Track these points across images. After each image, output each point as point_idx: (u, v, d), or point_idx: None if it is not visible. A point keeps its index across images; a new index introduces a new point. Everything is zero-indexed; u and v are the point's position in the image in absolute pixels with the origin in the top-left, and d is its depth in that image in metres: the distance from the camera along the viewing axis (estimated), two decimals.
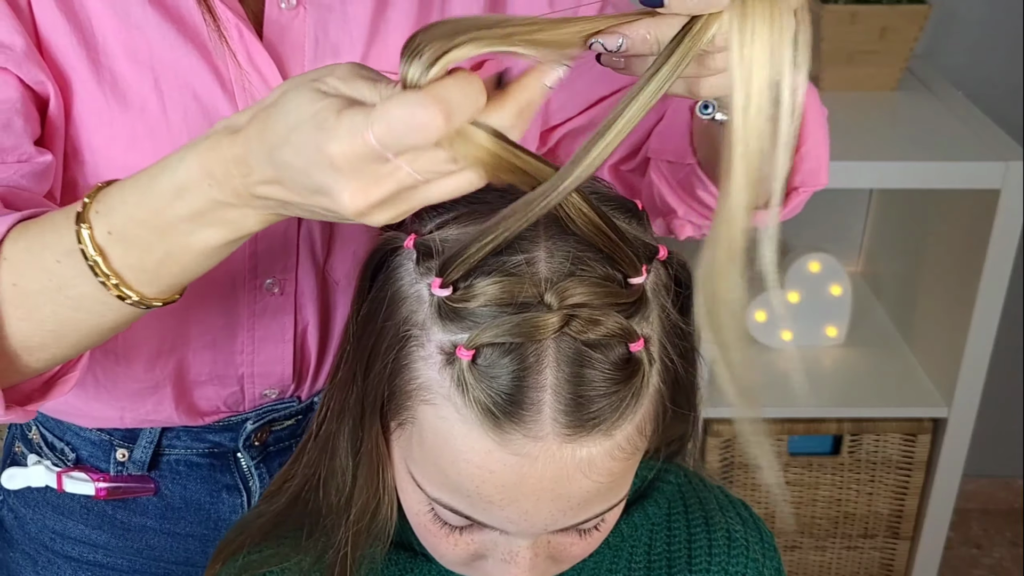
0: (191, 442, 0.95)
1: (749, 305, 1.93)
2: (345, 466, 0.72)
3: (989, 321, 1.71)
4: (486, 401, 0.60)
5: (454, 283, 0.62)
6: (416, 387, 0.64)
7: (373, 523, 0.73)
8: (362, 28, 0.83)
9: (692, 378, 0.71)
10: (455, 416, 0.62)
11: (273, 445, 0.98)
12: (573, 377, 0.61)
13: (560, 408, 0.61)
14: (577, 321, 0.61)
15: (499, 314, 0.61)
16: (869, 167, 1.64)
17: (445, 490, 0.65)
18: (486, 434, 0.61)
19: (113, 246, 0.64)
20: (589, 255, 0.63)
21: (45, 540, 0.99)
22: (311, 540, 0.76)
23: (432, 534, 0.69)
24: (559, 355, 0.61)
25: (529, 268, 0.62)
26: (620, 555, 0.80)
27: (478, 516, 0.65)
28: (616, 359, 0.62)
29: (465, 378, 0.61)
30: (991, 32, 2.00)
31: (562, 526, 0.65)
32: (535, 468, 0.61)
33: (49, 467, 0.96)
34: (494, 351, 0.61)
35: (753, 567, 0.82)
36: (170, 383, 0.90)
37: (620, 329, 0.62)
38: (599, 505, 0.66)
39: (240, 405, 0.94)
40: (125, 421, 0.93)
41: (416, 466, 0.67)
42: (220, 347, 0.90)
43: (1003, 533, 2.37)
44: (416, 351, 0.64)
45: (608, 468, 0.63)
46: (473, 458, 0.62)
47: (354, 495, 0.72)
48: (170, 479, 0.97)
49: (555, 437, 0.61)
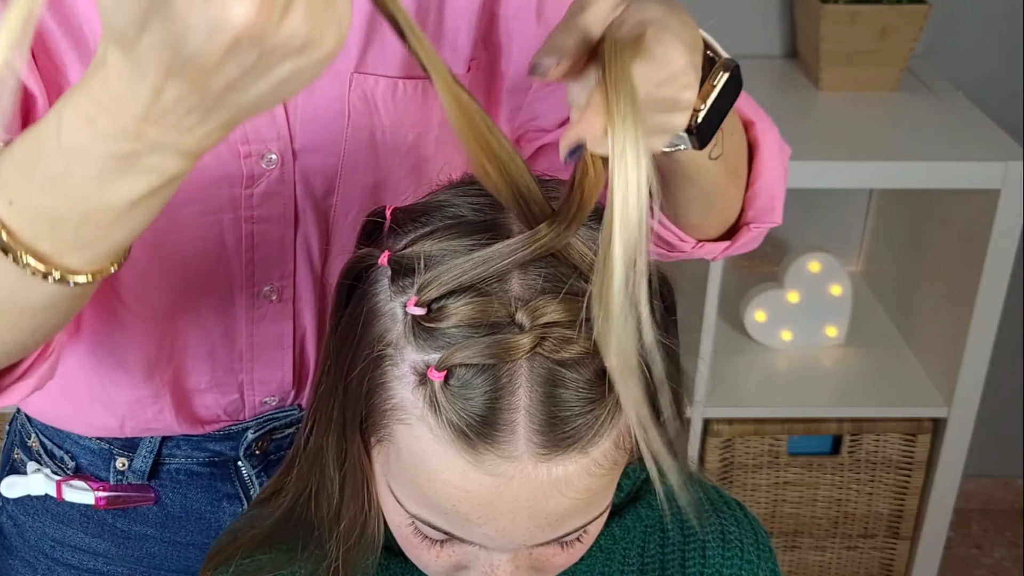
0: (191, 451, 0.95)
1: (749, 305, 1.93)
2: (333, 479, 0.71)
3: (989, 321, 1.71)
4: (459, 423, 0.60)
5: (429, 303, 0.61)
6: (391, 407, 0.63)
7: (363, 536, 0.72)
8: (357, 31, 0.82)
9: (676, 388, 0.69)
10: (429, 436, 0.61)
11: (274, 454, 0.98)
12: (546, 398, 0.60)
13: (534, 428, 0.60)
14: (549, 341, 0.60)
15: (471, 335, 0.60)
16: (869, 167, 1.64)
17: (423, 507, 0.65)
18: (460, 454, 0.60)
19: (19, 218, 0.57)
20: (563, 270, 0.62)
21: (45, 548, 0.99)
22: (306, 552, 0.76)
23: (414, 546, 0.69)
24: (532, 375, 0.60)
25: (501, 287, 0.61)
26: (613, 558, 0.80)
27: (457, 532, 0.65)
28: (590, 377, 0.61)
29: (438, 399, 0.60)
30: (991, 32, 2.00)
31: (541, 541, 0.65)
32: (510, 487, 0.61)
33: (49, 475, 0.95)
34: (466, 372, 0.60)
35: (748, 568, 0.82)
36: (169, 391, 0.90)
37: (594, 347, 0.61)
38: (578, 520, 0.65)
39: (240, 413, 0.94)
40: (125, 430, 0.92)
41: (395, 482, 0.66)
42: (219, 354, 0.90)
43: (1003, 533, 2.37)
44: (391, 370, 0.63)
45: (585, 485, 0.63)
46: (449, 477, 0.61)
47: (342, 509, 0.71)
48: (170, 488, 0.96)
49: (530, 457, 0.60)
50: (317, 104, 0.82)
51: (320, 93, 0.82)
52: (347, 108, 0.82)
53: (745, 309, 1.93)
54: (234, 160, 0.81)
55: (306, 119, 0.82)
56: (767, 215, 0.87)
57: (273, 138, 0.81)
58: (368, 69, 0.83)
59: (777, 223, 0.87)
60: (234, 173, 0.81)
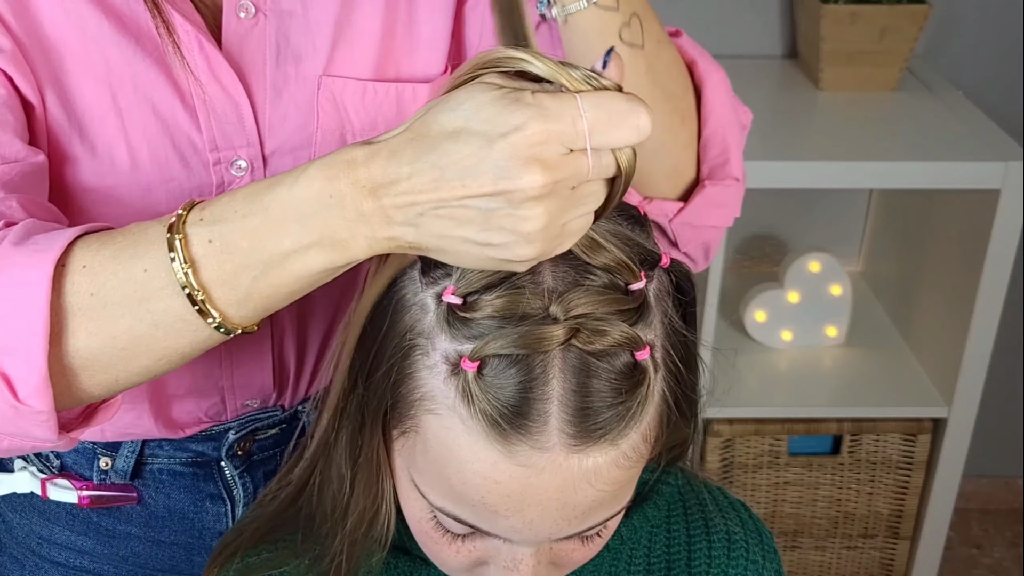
0: (173, 451, 0.95)
1: (749, 305, 1.93)
2: (343, 474, 0.71)
3: (989, 321, 1.71)
4: (492, 412, 0.60)
5: (465, 294, 0.62)
6: (420, 396, 0.64)
7: (370, 532, 0.72)
8: (325, 34, 0.81)
9: (694, 384, 0.70)
10: (460, 427, 0.62)
11: (257, 454, 0.97)
12: (579, 388, 0.61)
13: (566, 419, 0.61)
14: (583, 332, 0.61)
15: (504, 326, 0.61)
16: (869, 167, 1.64)
17: (449, 499, 0.65)
18: (492, 445, 0.61)
19: (210, 258, 0.61)
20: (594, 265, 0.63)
21: (32, 545, 0.98)
22: (306, 545, 0.76)
23: (434, 541, 0.69)
24: (565, 366, 0.61)
25: (534, 280, 0.62)
26: (619, 558, 0.80)
27: (482, 525, 0.65)
28: (622, 368, 0.62)
29: (471, 389, 0.60)
30: (991, 32, 2.00)
31: (566, 535, 0.65)
32: (541, 478, 0.61)
33: (34, 473, 0.95)
34: (500, 362, 0.60)
35: (753, 569, 0.82)
36: (147, 397, 0.89)
37: (626, 338, 0.61)
38: (603, 513, 0.66)
39: (222, 415, 0.94)
40: (106, 434, 0.92)
41: (419, 475, 0.66)
42: (197, 360, 0.89)
43: (1003, 533, 2.37)
44: (421, 360, 0.63)
45: (614, 477, 0.63)
46: (479, 468, 0.62)
47: (351, 503, 0.71)
48: (153, 488, 0.96)
49: (561, 448, 0.61)
50: (286, 108, 0.81)
51: (288, 96, 0.81)
52: (316, 111, 0.82)
53: (745, 309, 1.93)
54: (203, 168, 0.80)
55: (275, 123, 0.81)
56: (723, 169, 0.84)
57: (243, 144, 0.81)
58: (337, 72, 0.82)
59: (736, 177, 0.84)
60: (204, 182, 0.81)
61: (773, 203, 2.05)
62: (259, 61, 0.80)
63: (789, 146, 1.71)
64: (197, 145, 0.79)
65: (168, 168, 0.79)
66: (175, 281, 0.61)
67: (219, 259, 0.60)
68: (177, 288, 0.61)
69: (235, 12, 0.78)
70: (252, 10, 0.78)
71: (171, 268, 0.61)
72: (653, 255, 0.67)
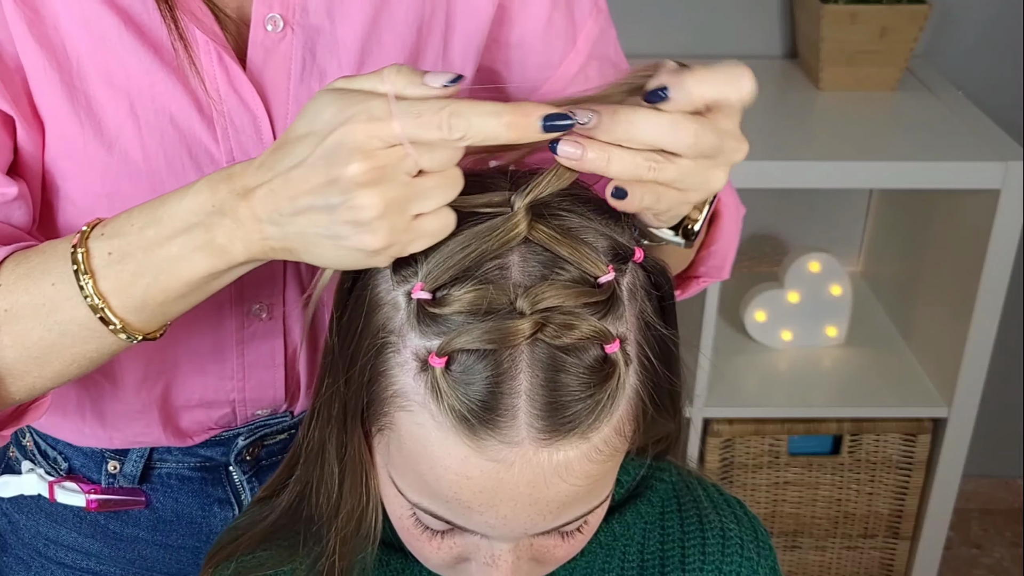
0: (182, 456, 0.95)
1: (749, 305, 1.93)
2: (332, 473, 0.72)
3: (989, 321, 1.71)
4: (460, 408, 0.60)
5: (434, 289, 0.62)
6: (392, 393, 0.64)
7: (360, 529, 0.72)
8: (352, 52, 0.81)
9: (674, 378, 0.70)
10: (431, 423, 0.62)
11: (265, 459, 0.98)
12: (548, 383, 0.61)
13: (535, 413, 0.61)
14: (550, 327, 0.61)
15: (471, 321, 0.61)
16: (869, 167, 1.64)
17: (425, 496, 0.65)
18: (461, 440, 0.61)
19: (107, 268, 0.66)
20: (562, 259, 0.63)
21: (39, 546, 0.98)
22: (306, 548, 0.76)
23: (415, 538, 0.69)
24: (533, 361, 0.61)
25: (502, 274, 0.62)
26: (613, 554, 0.80)
27: (458, 521, 0.65)
28: (591, 362, 0.62)
29: (439, 385, 0.61)
30: (991, 32, 2.00)
31: (542, 530, 0.65)
32: (511, 473, 0.61)
33: (42, 476, 0.95)
34: (468, 357, 0.61)
35: (748, 565, 0.82)
36: (157, 407, 0.90)
37: (594, 332, 0.61)
38: (579, 508, 0.66)
39: (232, 423, 0.94)
40: (114, 442, 0.92)
41: (396, 472, 0.67)
42: (209, 373, 0.90)
43: (1003, 533, 2.37)
44: (392, 357, 0.64)
45: (586, 471, 0.63)
46: (450, 464, 0.62)
47: (341, 501, 0.72)
48: (162, 492, 0.96)
49: (531, 442, 0.61)
50: None
51: None
52: None
53: (745, 309, 1.93)
54: None
55: None
56: (717, 273, 0.90)
57: None
58: None
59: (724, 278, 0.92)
60: None
61: (773, 203, 2.05)
62: (283, 75, 0.80)
63: (789, 146, 1.71)
64: (214, 156, 0.80)
65: (185, 177, 0.79)
66: (78, 292, 0.67)
67: (116, 269, 0.66)
68: (80, 299, 0.67)
69: (262, 25, 0.78)
70: (280, 24, 0.79)
71: (74, 280, 0.67)
72: (626, 249, 0.67)
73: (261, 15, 0.78)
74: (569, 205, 0.66)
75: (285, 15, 0.78)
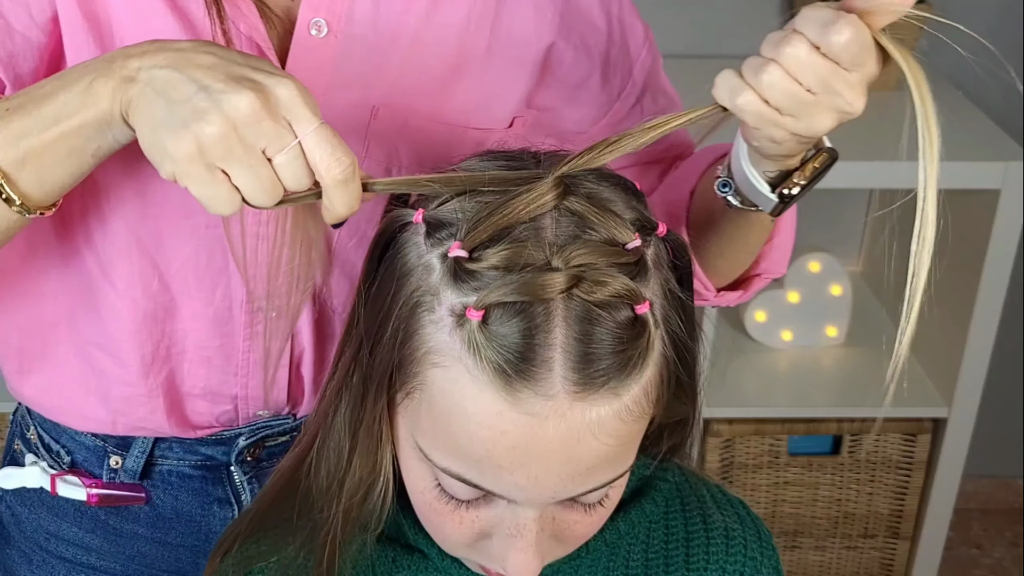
0: (184, 454, 0.96)
1: (749, 305, 1.93)
2: (342, 447, 0.72)
3: (989, 321, 1.71)
4: (497, 359, 0.61)
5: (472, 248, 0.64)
6: (426, 351, 0.65)
7: (365, 503, 0.73)
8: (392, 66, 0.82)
9: (694, 352, 0.72)
10: (466, 377, 0.63)
11: (266, 460, 0.98)
12: (582, 335, 0.62)
13: (570, 365, 0.62)
14: (585, 282, 0.62)
15: (508, 275, 0.63)
16: (869, 167, 1.64)
17: (454, 458, 0.66)
18: (497, 393, 0.62)
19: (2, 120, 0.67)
20: (596, 221, 0.66)
21: (40, 540, 0.99)
22: (301, 521, 0.76)
23: (437, 513, 0.69)
24: (568, 314, 0.62)
25: (536, 234, 0.64)
26: (617, 553, 0.81)
27: (486, 484, 0.65)
28: (623, 319, 0.63)
29: (476, 338, 0.62)
30: (991, 32, 1.99)
31: (570, 494, 0.66)
32: (545, 428, 0.62)
33: (45, 469, 0.96)
34: (504, 311, 0.62)
35: (751, 565, 0.82)
36: (162, 392, 0.90)
37: (626, 290, 0.63)
38: (606, 472, 0.66)
39: (234, 422, 0.95)
40: (117, 427, 0.93)
41: (424, 436, 0.67)
42: (215, 365, 0.91)
43: (1003, 533, 2.37)
44: (426, 316, 0.65)
45: (616, 430, 0.64)
46: (484, 419, 0.63)
47: (348, 473, 0.72)
48: (162, 489, 0.97)
49: (565, 395, 0.62)
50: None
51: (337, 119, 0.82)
52: (366, 139, 0.83)
53: (745, 309, 1.93)
54: None
55: None
56: (777, 267, 0.93)
57: None
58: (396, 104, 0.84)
59: (783, 274, 0.95)
60: None
61: None
62: (319, 79, 0.80)
63: None
64: None
65: None
66: None
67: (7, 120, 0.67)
68: None
69: (307, 28, 0.79)
70: (325, 30, 0.79)
71: None
72: (650, 222, 0.69)
73: (307, 18, 0.79)
74: (596, 180, 0.69)
75: (330, 21, 0.79)
